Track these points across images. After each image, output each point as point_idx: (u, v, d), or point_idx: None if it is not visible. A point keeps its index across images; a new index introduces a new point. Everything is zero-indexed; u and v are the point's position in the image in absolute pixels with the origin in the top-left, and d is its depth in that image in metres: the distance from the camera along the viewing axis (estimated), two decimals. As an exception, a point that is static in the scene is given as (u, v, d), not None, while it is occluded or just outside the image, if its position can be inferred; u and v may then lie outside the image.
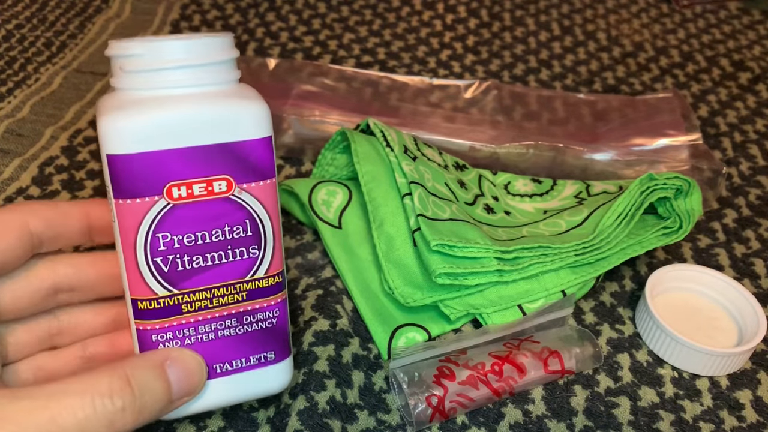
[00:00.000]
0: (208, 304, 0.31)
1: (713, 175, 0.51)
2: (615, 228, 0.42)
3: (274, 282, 0.32)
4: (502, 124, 0.56)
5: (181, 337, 0.31)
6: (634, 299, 0.45)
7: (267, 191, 0.31)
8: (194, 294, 0.31)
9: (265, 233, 0.31)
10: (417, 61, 0.68)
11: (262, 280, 0.32)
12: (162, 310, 0.30)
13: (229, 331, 0.32)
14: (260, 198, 0.31)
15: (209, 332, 0.31)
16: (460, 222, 0.41)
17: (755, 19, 0.79)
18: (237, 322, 0.32)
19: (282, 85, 0.57)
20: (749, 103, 0.65)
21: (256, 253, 0.31)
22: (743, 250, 0.49)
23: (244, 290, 0.32)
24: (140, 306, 0.30)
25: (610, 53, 0.71)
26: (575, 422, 0.38)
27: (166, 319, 0.31)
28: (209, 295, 0.31)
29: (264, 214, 0.31)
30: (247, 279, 0.32)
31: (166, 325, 0.31)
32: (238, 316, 0.32)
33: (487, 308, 0.41)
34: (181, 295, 0.31)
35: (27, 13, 0.71)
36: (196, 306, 0.31)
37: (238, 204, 0.30)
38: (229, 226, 0.30)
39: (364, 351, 0.40)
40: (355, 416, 0.37)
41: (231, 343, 0.32)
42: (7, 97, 0.58)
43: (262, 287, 0.32)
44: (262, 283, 0.32)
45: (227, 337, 0.32)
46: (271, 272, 0.32)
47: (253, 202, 0.31)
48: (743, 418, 0.39)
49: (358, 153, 0.45)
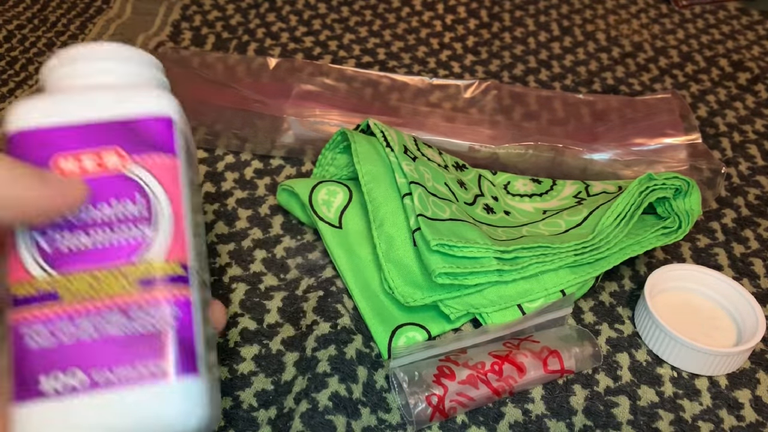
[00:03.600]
0: (91, 292, 0.26)
1: (712, 175, 0.51)
2: (614, 228, 0.42)
3: (172, 272, 0.27)
4: (502, 124, 0.56)
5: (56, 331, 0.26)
6: (633, 299, 0.45)
7: (164, 167, 0.28)
8: (75, 277, 0.26)
9: (160, 212, 0.28)
10: (417, 62, 0.68)
11: (155, 267, 0.27)
12: (38, 297, 0.26)
13: (113, 329, 0.26)
14: (155, 173, 0.28)
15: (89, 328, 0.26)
16: (459, 222, 0.41)
17: (754, 20, 0.80)
18: (124, 317, 0.26)
19: (282, 85, 0.57)
20: (748, 103, 0.65)
21: (146, 233, 0.27)
22: (742, 250, 0.49)
23: (134, 277, 0.27)
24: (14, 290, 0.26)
25: (610, 54, 0.71)
26: (575, 421, 0.38)
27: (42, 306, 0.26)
28: (92, 280, 0.27)
29: (160, 191, 0.28)
30: (135, 261, 0.27)
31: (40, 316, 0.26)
32: (125, 310, 0.26)
33: (487, 308, 0.41)
34: (62, 278, 0.26)
35: (28, 13, 0.71)
36: (77, 293, 0.26)
37: (129, 178, 0.28)
38: (117, 199, 0.27)
39: (367, 348, 0.40)
40: (359, 412, 0.37)
41: (114, 344, 0.26)
42: (8, 98, 0.59)
43: (156, 276, 0.27)
44: (156, 271, 0.27)
45: (111, 337, 0.26)
46: (169, 258, 0.27)
47: (147, 177, 0.28)
48: (742, 418, 0.39)
49: (358, 153, 0.45)
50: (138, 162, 0.28)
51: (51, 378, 0.25)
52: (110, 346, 0.26)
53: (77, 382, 0.25)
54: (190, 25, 0.70)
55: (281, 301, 0.43)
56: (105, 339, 0.26)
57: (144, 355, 0.26)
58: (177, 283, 0.27)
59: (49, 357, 0.25)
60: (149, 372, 0.26)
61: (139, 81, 0.31)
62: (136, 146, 0.29)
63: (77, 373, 0.25)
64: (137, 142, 0.29)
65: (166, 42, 0.68)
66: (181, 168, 0.29)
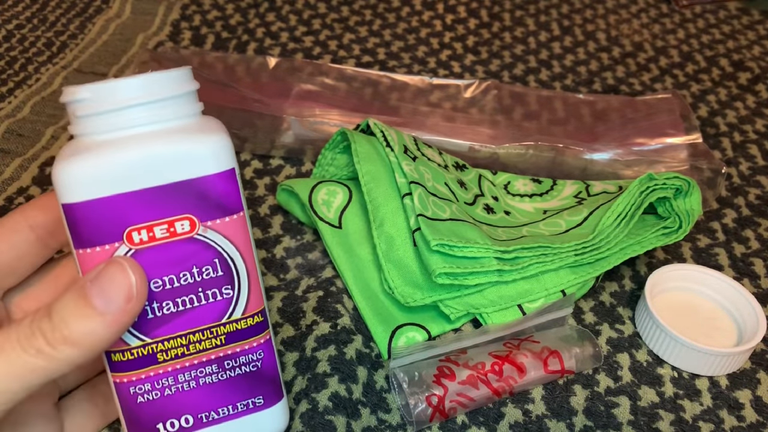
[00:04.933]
0: (185, 351, 0.30)
1: (713, 175, 0.51)
2: (615, 228, 0.42)
3: (254, 322, 0.31)
4: (502, 124, 0.56)
5: (160, 387, 0.30)
6: (633, 299, 0.45)
7: (235, 227, 0.29)
8: (168, 342, 0.29)
9: (237, 271, 0.30)
10: (417, 62, 0.68)
11: (240, 321, 0.30)
12: (136, 361, 0.29)
13: (210, 378, 0.30)
14: (228, 235, 0.29)
15: (189, 380, 0.30)
16: (460, 222, 0.41)
17: (755, 19, 0.79)
18: (218, 368, 0.30)
19: (282, 85, 0.57)
20: (749, 103, 0.65)
21: (229, 293, 0.30)
22: (743, 250, 0.49)
23: (222, 333, 0.30)
24: (114, 358, 0.29)
25: (610, 53, 0.71)
26: (575, 422, 0.38)
27: (142, 369, 0.29)
28: (185, 342, 0.30)
29: (234, 252, 0.29)
30: (223, 321, 0.30)
31: (143, 376, 0.29)
32: (218, 362, 0.30)
33: (487, 308, 0.41)
34: (155, 343, 0.29)
35: (27, 13, 0.71)
36: (172, 354, 0.30)
37: (205, 243, 0.29)
38: (197, 267, 0.29)
39: (367, 349, 0.40)
40: (359, 412, 0.37)
41: (214, 390, 0.31)
42: (7, 97, 0.59)
43: (241, 329, 0.30)
44: (241, 325, 0.30)
45: (209, 385, 0.30)
46: (250, 312, 0.30)
47: (221, 240, 0.29)
48: (743, 418, 0.39)
49: (358, 153, 0.45)
50: (210, 227, 0.29)
51: (167, 424, 0.30)
52: (210, 392, 0.30)
53: (186, 423, 0.30)
54: (189, 25, 0.70)
55: (281, 301, 0.43)
56: (204, 387, 0.30)
57: (240, 394, 0.31)
58: (258, 330, 0.31)
59: (159, 408, 0.30)
60: (246, 407, 0.31)
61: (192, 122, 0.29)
62: (206, 210, 0.28)
63: (188, 418, 0.30)
64: (207, 205, 0.28)
65: (166, 42, 0.67)
66: (247, 218, 0.30)
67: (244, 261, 0.30)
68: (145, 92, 0.27)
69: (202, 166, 0.28)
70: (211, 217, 0.29)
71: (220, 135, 0.28)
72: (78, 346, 0.26)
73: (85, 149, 0.27)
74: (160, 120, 0.28)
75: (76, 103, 0.27)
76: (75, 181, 0.27)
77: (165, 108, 0.28)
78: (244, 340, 0.30)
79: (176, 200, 0.28)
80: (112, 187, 0.27)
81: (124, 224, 0.27)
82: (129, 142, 0.27)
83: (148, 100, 0.27)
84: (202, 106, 0.30)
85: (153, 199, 0.28)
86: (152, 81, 0.27)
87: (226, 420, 0.31)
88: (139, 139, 0.27)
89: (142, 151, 0.27)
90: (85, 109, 0.27)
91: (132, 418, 0.30)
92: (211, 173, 0.28)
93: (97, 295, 0.26)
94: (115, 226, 0.27)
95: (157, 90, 0.27)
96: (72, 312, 0.26)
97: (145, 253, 0.28)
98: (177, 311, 0.29)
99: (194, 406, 0.30)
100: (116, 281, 0.27)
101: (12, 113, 0.57)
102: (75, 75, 0.62)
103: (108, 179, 0.27)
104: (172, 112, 0.28)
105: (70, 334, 0.26)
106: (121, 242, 0.28)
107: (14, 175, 0.51)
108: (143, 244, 0.28)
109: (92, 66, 0.63)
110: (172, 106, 0.28)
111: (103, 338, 0.26)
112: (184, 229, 0.28)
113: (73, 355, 0.26)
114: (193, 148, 0.28)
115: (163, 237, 0.28)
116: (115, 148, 0.27)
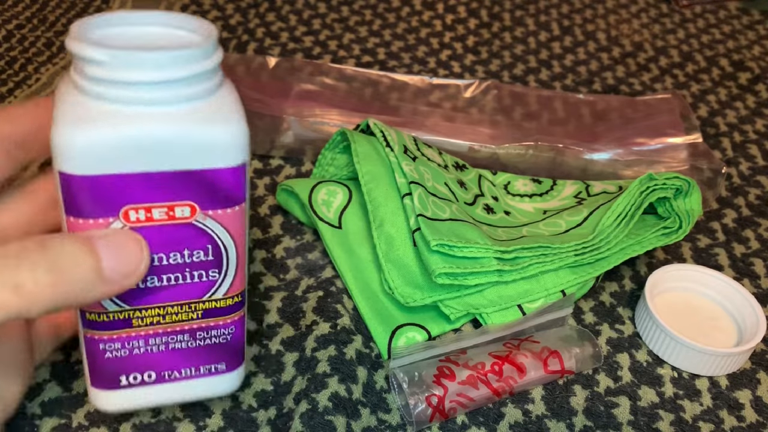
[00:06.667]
0: (160, 320, 0.30)
1: (713, 175, 0.51)
2: (615, 228, 0.42)
3: (233, 302, 0.31)
4: (502, 124, 0.56)
5: (129, 347, 0.30)
6: (633, 299, 0.45)
7: (234, 217, 0.28)
8: (146, 310, 0.29)
9: (228, 258, 0.29)
10: (417, 61, 0.68)
11: (219, 300, 0.30)
12: (111, 323, 0.29)
13: (180, 345, 0.31)
14: (226, 224, 0.28)
15: (159, 345, 0.30)
16: (459, 222, 0.41)
17: (755, 19, 0.79)
18: (189, 338, 0.31)
19: (282, 85, 0.57)
20: (749, 103, 0.65)
21: (216, 276, 0.29)
22: (743, 250, 0.49)
23: (200, 309, 0.30)
24: (88, 317, 0.29)
25: (610, 53, 0.71)
26: (575, 422, 0.38)
27: (114, 331, 0.29)
28: (162, 312, 0.29)
29: (228, 240, 0.29)
30: (203, 299, 0.30)
31: (114, 337, 0.29)
32: (190, 332, 0.30)
33: (487, 308, 0.41)
34: (132, 311, 0.29)
35: (27, 13, 0.71)
36: (147, 321, 0.29)
37: (201, 230, 0.28)
38: (189, 250, 0.28)
39: (367, 349, 0.40)
40: (358, 413, 0.37)
41: (181, 355, 0.31)
42: (7, 98, 0.58)
43: (218, 307, 0.30)
44: (220, 304, 0.30)
45: (178, 350, 0.31)
46: (231, 293, 0.30)
47: (218, 228, 0.28)
48: (743, 418, 0.39)
49: (358, 153, 0.45)
50: (209, 215, 0.28)
51: (130, 377, 0.30)
52: (177, 356, 0.31)
53: (149, 378, 0.31)
54: (189, 25, 0.70)
55: (281, 302, 0.43)
56: (172, 351, 0.31)
57: (205, 360, 0.31)
58: (234, 309, 0.31)
59: (125, 363, 0.30)
60: (208, 371, 0.32)
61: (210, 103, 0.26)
62: (208, 200, 0.27)
63: (151, 374, 0.31)
64: (210, 195, 0.27)
65: (166, 41, 0.67)
66: (247, 206, 0.29)
67: (236, 248, 0.29)
68: (167, 71, 0.25)
69: (213, 159, 0.26)
70: (212, 207, 0.28)
71: (237, 125, 0.26)
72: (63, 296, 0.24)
73: (91, 118, 0.25)
74: (177, 100, 0.26)
75: (89, 62, 0.25)
76: (77, 153, 0.25)
77: (185, 87, 0.25)
78: (219, 317, 0.30)
79: (180, 186, 0.27)
80: (116, 166, 0.25)
81: (122, 202, 0.26)
82: (141, 122, 0.25)
83: (169, 79, 0.25)
84: (222, 77, 0.27)
85: (157, 182, 0.26)
86: (176, 58, 0.25)
87: (187, 379, 0.31)
88: (152, 120, 0.25)
89: (153, 134, 0.25)
90: (97, 72, 0.25)
91: (96, 368, 0.30)
92: (222, 167, 0.27)
93: (109, 257, 0.25)
94: (112, 202, 0.26)
95: (180, 68, 0.25)
96: (73, 261, 0.24)
97: (139, 230, 0.27)
98: (160, 286, 0.29)
99: (159, 365, 0.31)
100: (131, 253, 0.26)
101: (12, 113, 0.57)
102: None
103: (113, 158, 0.25)
104: (192, 92, 0.26)
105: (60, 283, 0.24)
106: (116, 218, 0.26)
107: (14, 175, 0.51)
108: (139, 222, 0.27)
109: (92, 66, 0.63)
110: (193, 86, 0.26)
111: (90, 298, 0.25)
112: (183, 214, 0.27)
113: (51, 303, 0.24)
114: (207, 139, 0.26)
115: (160, 219, 0.27)
116: (125, 125, 0.25)
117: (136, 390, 0.31)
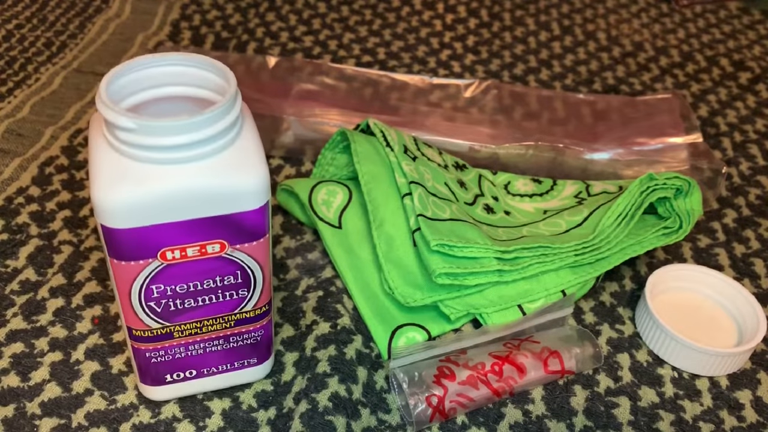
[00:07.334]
0: (198, 331, 0.34)
1: (713, 175, 0.51)
2: (615, 228, 0.42)
3: (261, 312, 0.35)
4: (502, 123, 0.56)
5: (172, 353, 0.34)
6: (634, 299, 0.45)
7: (259, 247, 0.32)
8: (185, 325, 0.33)
9: (254, 279, 0.33)
10: (417, 61, 0.68)
11: (249, 312, 0.34)
12: (155, 338, 0.33)
13: (216, 348, 0.35)
14: (252, 254, 0.32)
15: (198, 350, 0.35)
16: (460, 222, 0.41)
17: (755, 19, 0.79)
18: (224, 342, 0.35)
19: (282, 85, 0.57)
20: (749, 102, 0.65)
21: (245, 294, 0.33)
22: (743, 250, 0.49)
23: (232, 320, 0.34)
24: (135, 333, 0.33)
25: (610, 53, 0.71)
26: (575, 422, 0.38)
27: (158, 342, 0.34)
28: (199, 325, 0.34)
29: (255, 265, 0.32)
30: (235, 312, 0.34)
31: (159, 347, 0.34)
32: (225, 338, 0.35)
33: (487, 308, 0.41)
34: (173, 326, 0.33)
35: (27, 13, 0.71)
36: (187, 333, 0.34)
37: (230, 260, 0.32)
38: (220, 276, 0.32)
39: (367, 349, 0.40)
40: (358, 413, 0.37)
41: (218, 355, 0.35)
42: (7, 97, 0.58)
43: (248, 317, 0.34)
44: (249, 314, 0.34)
45: (214, 352, 0.35)
46: (259, 305, 0.34)
47: (245, 258, 0.32)
48: (743, 418, 0.39)
49: (358, 153, 0.45)
50: (237, 248, 0.31)
51: (173, 375, 0.35)
52: (214, 356, 0.35)
53: (190, 374, 0.36)
54: (189, 25, 0.70)
55: (281, 302, 0.43)
56: (209, 353, 0.35)
57: (239, 357, 0.36)
58: (262, 317, 0.35)
59: (169, 365, 0.35)
60: (241, 365, 0.36)
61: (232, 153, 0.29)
62: (236, 237, 0.31)
63: (192, 371, 0.36)
64: (238, 233, 0.31)
65: (165, 41, 0.67)
66: (270, 236, 0.32)
67: (262, 270, 0.33)
68: (192, 134, 0.28)
69: (239, 204, 0.30)
70: (240, 242, 0.31)
71: (259, 170, 0.29)
72: None
73: (125, 178, 0.28)
74: (204, 156, 0.28)
75: (119, 130, 0.28)
76: (117, 210, 0.28)
77: (210, 144, 0.28)
78: (249, 324, 0.35)
79: (211, 229, 0.30)
80: (150, 218, 0.28)
81: (159, 246, 0.30)
82: (171, 179, 0.28)
83: (192, 141, 0.28)
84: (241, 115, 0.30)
85: (189, 227, 0.29)
86: (196, 123, 0.27)
87: (223, 373, 0.36)
88: (182, 177, 0.28)
89: (183, 190, 0.28)
90: (128, 137, 0.28)
91: (143, 370, 0.35)
92: (248, 210, 0.30)
93: None
94: (149, 247, 0.29)
95: (204, 130, 0.28)
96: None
97: (175, 266, 0.31)
98: (196, 306, 0.33)
99: (198, 364, 0.35)
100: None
101: (12, 113, 0.57)
102: (75, 75, 0.62)
103: (147, 213, 0.28)
104: (217, 146, 0.29)
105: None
106: (155, 258, 0.30)
107: (14, 175, 0.51)
108: (175, 261, 0.30)
109: (92, 66, 0.63)
110: (218, 140, 0.29)
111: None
112: (214, 250, 0.31)
113: None
114: (233, 189, 0.29)
115: (194, 256, 0.31)
116: (156, 184, 0.28)
117: (180, 384, 0.36)
